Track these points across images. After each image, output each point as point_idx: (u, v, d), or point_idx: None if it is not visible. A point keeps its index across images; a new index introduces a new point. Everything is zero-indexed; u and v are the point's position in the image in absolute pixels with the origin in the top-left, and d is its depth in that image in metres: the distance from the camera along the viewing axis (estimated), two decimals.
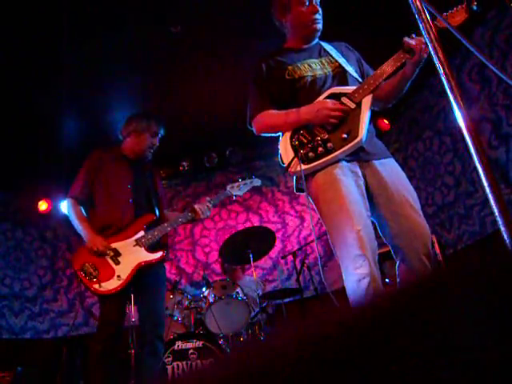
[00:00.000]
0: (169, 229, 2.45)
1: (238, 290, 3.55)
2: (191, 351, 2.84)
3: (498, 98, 3.50)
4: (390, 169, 1.78)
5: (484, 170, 0.82)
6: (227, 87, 4.07)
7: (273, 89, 1.91)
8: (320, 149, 1.72)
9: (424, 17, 0.99)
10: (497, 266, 0.43)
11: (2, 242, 4.90)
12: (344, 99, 1.77)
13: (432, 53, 0.96)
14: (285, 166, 1.78)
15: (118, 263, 2.30)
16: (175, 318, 3.34)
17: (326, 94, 1.82)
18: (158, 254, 2.38)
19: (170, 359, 2.80)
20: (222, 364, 0.48)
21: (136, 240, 2.37)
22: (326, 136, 1.73)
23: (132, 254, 2.33)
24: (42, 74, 3.54)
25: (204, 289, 3.60)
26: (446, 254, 3.92)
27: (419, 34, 1.58)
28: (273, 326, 3.42)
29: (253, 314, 3.42)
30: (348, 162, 1.73)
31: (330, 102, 1.76)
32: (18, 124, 4.09)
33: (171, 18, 3.31)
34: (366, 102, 1.76)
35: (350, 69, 1.91)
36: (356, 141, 1.69)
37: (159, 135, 2.61)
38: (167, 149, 5.00)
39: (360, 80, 1.90)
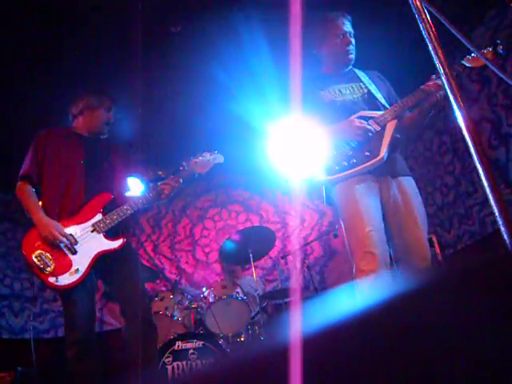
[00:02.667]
0: (129, 212, 2.16)
1: (238, 289, 3.55)
2: (191, 351, 2.84)
3: (497, 98, 3.50)
4: (404, 186, 1.97)
5: (484, 170, 0.82)
6: (228, 87, 4.07)
7: (307, 111, 2.08)
8: (344, 163, 1.92)
9: (424, 17, 0.98)
10: (497, 266, 0.43)
11: (2, 242, 4.90)
12: (371, 122, 1.97)
13: (432, 53, 0.96)
14: (311, 176, 2.01)
15: (74, 252, 2.02)
16: (175, 317, 3.33)
17: (355, 116, 2.01)
18: (119, 242, 2.12)
19: (170, 359, 2.80)
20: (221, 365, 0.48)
21: (93, 225, 2.10)
22: (351, 152, 1.94)
23: (89, 242, 2.06)
24: (41, 73, 3.54)
25: (204, 289, 3.60)
26: (445, 254, 3.92)
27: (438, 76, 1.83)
28: (273, 326, 3.42)
29: (253, 313, 3.42)
30: (367, 175, 1.92)
31: (356, 121, 1.95)
32: (17, 124, 4.09)
33: (171, 18, 3.31)
34: (390, 125, 1.96)
35: (379, 95, 2.09)
36: (377, 159, 1.89)
37: (113, 111, 2.39)
38: (167, 148, 5.03)
39: (387, 107, 2.07)
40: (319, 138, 2.02)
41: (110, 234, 2.13)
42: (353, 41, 2.15)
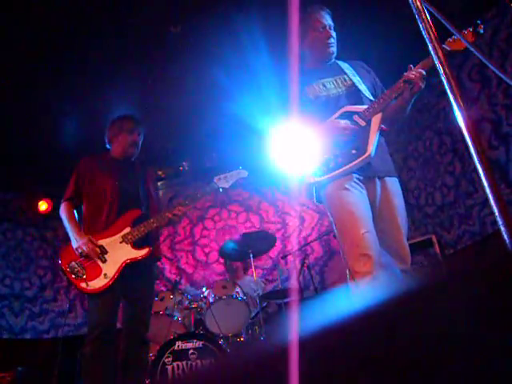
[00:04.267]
0: (155, 225, 2.43)
1: (238, 289, 3.55)
2: (191, 351, 2.84)
3: (497, 98, 3.50)
4: (387, 187, 1.95)
5: (484, 170, 0.82)
6: (228, 87, 4.07)
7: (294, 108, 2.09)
8: (331, 163, 1.91)
9: (424, 17, 0.98)
10: (497, 266, 0.43)
11: (2, 242, 4.90)
12: (355, 117, 1.94)
13: (432, 53, 0.95)
14: (300, 177, 2.01)
15: (104, 261, 2.29)
16: (175, 318, 3.33)
17: (339, 112, 1.99)
18: (145, 251, 2.37)
19: (170, 359, 2.80)
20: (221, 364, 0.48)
21: (122, 236, 2.37)
22: (338, 152, 1.92)
23: (118, 251, 2.33)
24: (42, 74, 3.54)
25: (204, 289, 3.60)
26: (445, 254, 3.91)
27: (428, 63, 1.88)
28: (273, 326, 3.42)
29: (253, 314, 3.42)
30: (355, 175, 1.91)
31: (340, 122, 1.93)
32: (18, 124, 4.09)
33: (171, 18, 3.31)
34: (376, 119, 1.93)
35: (363, 87, 2.07)
36: (364, 156, 1.87)
37: (137, 131, 2.66)
38: (167, 149, 5.03)
39: (372, 99, 2.04)
40: (305, 139, 2.02)
41: (137, 245, 2.38)
42: (333, 34, 2.14)
